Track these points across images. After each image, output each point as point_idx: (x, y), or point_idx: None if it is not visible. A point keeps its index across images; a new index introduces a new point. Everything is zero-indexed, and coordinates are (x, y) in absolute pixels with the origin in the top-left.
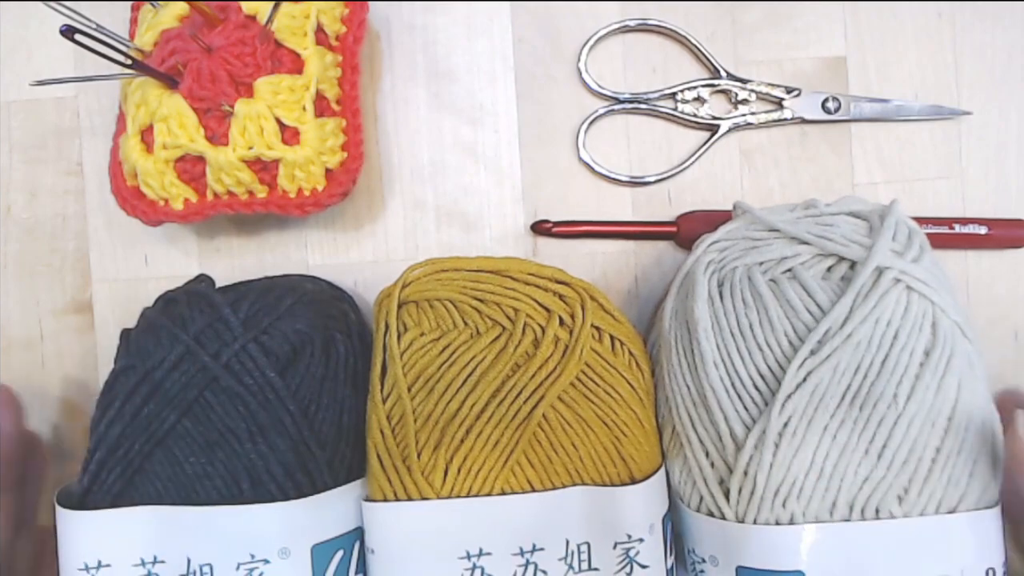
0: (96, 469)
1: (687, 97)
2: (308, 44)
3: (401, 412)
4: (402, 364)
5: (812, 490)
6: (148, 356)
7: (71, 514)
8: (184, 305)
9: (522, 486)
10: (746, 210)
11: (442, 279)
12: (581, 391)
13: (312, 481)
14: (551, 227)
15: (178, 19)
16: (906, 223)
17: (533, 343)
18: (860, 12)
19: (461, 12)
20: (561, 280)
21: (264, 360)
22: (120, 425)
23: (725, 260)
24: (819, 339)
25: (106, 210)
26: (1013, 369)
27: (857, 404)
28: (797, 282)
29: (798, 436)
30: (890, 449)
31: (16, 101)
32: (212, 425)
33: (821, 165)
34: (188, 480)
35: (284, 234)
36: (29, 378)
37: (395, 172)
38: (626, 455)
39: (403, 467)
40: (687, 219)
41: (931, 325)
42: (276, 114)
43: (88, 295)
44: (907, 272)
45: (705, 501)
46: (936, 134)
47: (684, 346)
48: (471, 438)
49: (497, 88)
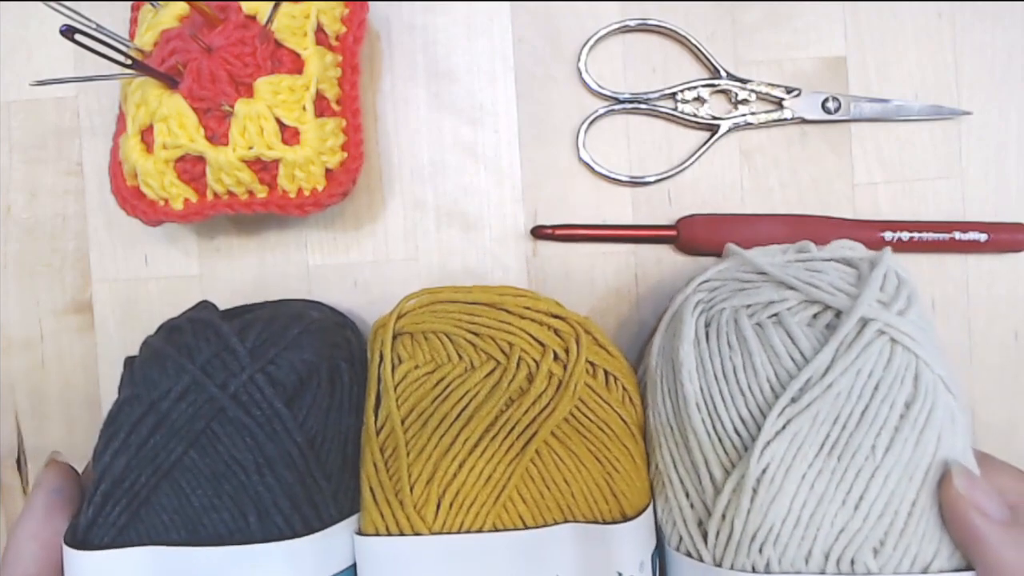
0: (101, 501)
1: (687, 97)
2: (308, 44)
3: (394, 445)
4: (396, 396)
5: (789, 537)
6: (154, 386)
7: (73, 553)
8: (189, 334)
9: (514, 522)
10: (736, 252)
11: (437, 311)
12: (574, 426)
13: (319, 514)
14: (552, 232)
15: (178, 19)
16: (896, 272)
17: (527, 378)
18: (860, 12)
19: (461, 12)
20: (556, 314)
21: (272, 391)
22: (125, 456)
23: (714, 300)
24: (800, 387)
25: (106, 210)
26: (1014, 369)
27: (835, 454)
28: (782, 328)
29: (776, 483)
30: (867, 501)
31: (16, 101)
32: (219, 457)
33: (821, 165)
34: (195, 513)
35: (284, 234)
36: (29, 378)
37: (395, 172)
38: (618, 491)
39: (395, 501)
40: (687, 223)
41: (913, 378)
42: (276, 114)
43: (88, 295)
44: (892, 325)
45: (684, 541)
46: (936, 134)
47: (669, 385)
48: (464, 472)
49: (497, 88)
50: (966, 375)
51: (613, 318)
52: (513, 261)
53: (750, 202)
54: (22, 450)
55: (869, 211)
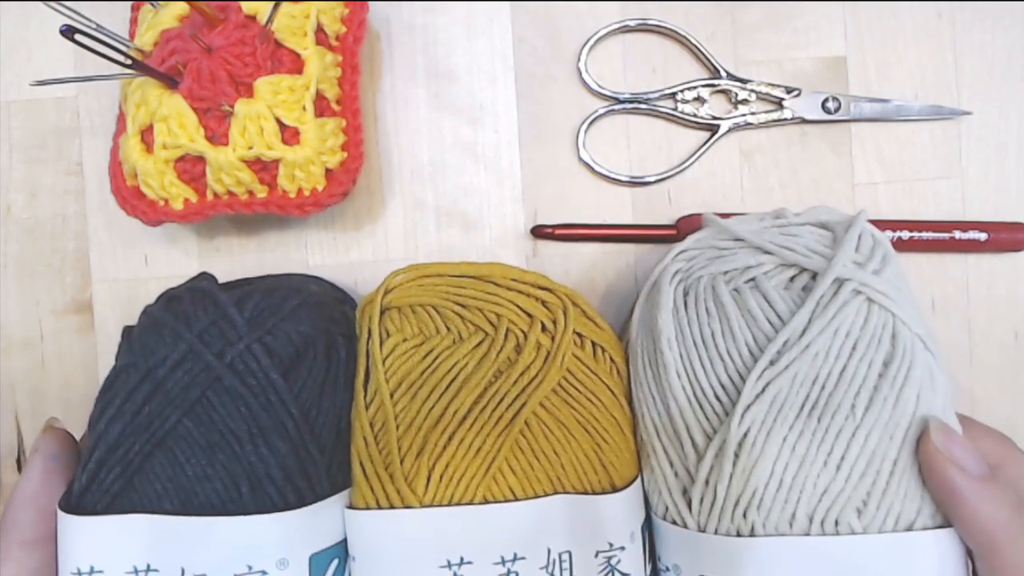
0: (95, 468)
1: (687, 97)
2: (308, 44)
3: (384, 419)
4: (384, 370)
5: (772, 501)
6: (151, 354)
7: (67, 518)
8: (188, 303)
9: (504, 494)
10: (713, 220)
11: (424, 285)
12: (563, 397)
13: (312, 486)
14: (552, 231)
15: (178, 19)
16: (871, 234)
17: (515, 349)
18: (860, 12)
19: (461, 12)
20: (544, 286)
21: (268, 361)
22: (120, 424)
23: (692, 269)
24: (778, 350)
25: (106, 210)
26: (1014, 369)
27: (815, 415)
28: (759, 292)
29: (757, 447)
30: (848, 461)
31: (16, 101)
32: (213, 426)
33: (821, 165)
34: (188, 482)
35: (284, 234)
36: (29, 378)
37: (395, 172)
38: (607, 462)
39: (386, 474)
40: (688, 222)
41: (891, 337)
42: (276, 114)
43: (88, 295)
44: (867, 284)
45: (670, 510)
46: (936, 134)
47: (649, 355)
48: (454, 444)
49: (497, 88)
50: (966, 375)
51: (613, 319)
52: (513, 261)
53: (750, 202)
54: (22, 450)
55: (869, 211)
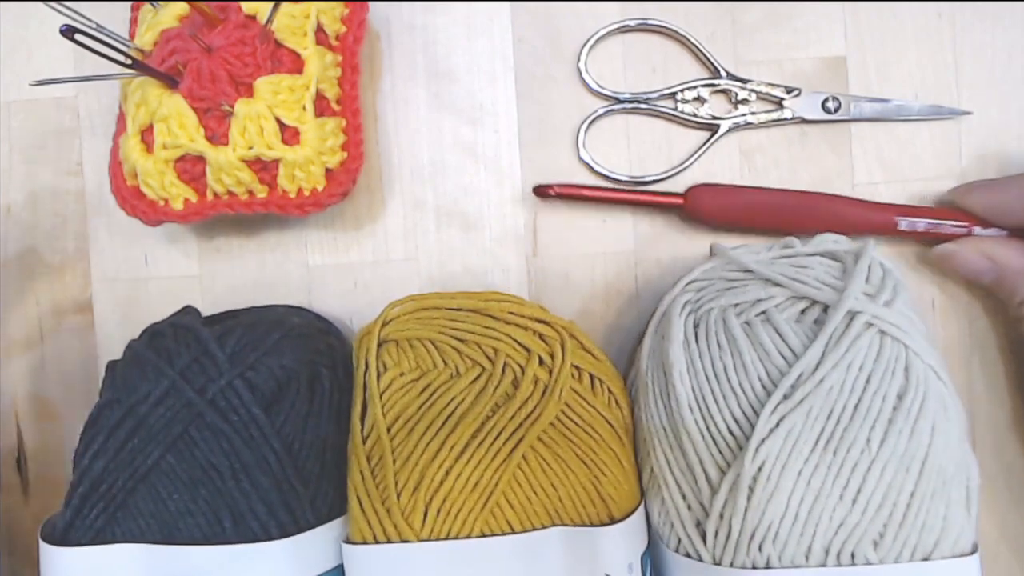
0: (79, 504)
1: (687, 97)
2: (308, 44)
3: (381, 453)
4: (382, 404)
5: (788, 534)
6: (133, 390)
7: (52, 549)
8: (170, 339)
9: (501, 527)
10: (721, 251)
11: (422, 318)
12: (560, 431)
13: (295, 519)
14: (553, 191)
15: (178, 19)
16: (880, 263)
17: (513, 383)
18: (860, 12)
19: (461, 12)
20: (541, 319)
21: (249, 396)
22: (104, 460)
23: (702, 300)
24: (791, 384)
25: (106, 210)
26: (1014, 369)
27: (831, 449)
28: (771, 325)
29: (772, 481)
30: (864, 494)
31: (16, 101)
32: (196, 462)
33: (821, 165)
34: (171, 517)
35: (284, 234)
36: (29, 378)
37: (395, 172)
38: (605, 494)
39: (383, 509)
40: (696, 191)
41: (904, 369)
42: (276, 114)
43: (88, 295)
44: (879, 316)
45: (683, 543)
46: (936, 134)
47: (660, 388)
48: (451, 479)
49: (497, 88)
50: (966, 375)
51: (613, 319)
52: (513, 261)
53: None
54: (22, 450)
55: None
